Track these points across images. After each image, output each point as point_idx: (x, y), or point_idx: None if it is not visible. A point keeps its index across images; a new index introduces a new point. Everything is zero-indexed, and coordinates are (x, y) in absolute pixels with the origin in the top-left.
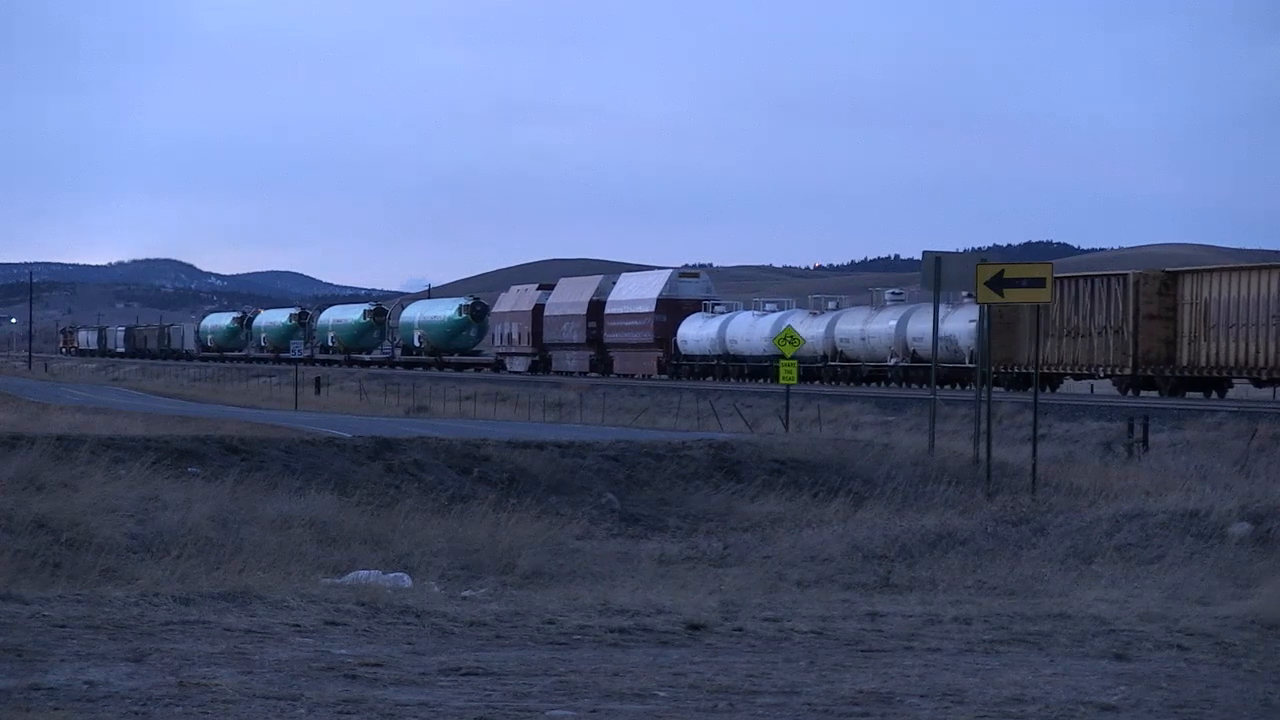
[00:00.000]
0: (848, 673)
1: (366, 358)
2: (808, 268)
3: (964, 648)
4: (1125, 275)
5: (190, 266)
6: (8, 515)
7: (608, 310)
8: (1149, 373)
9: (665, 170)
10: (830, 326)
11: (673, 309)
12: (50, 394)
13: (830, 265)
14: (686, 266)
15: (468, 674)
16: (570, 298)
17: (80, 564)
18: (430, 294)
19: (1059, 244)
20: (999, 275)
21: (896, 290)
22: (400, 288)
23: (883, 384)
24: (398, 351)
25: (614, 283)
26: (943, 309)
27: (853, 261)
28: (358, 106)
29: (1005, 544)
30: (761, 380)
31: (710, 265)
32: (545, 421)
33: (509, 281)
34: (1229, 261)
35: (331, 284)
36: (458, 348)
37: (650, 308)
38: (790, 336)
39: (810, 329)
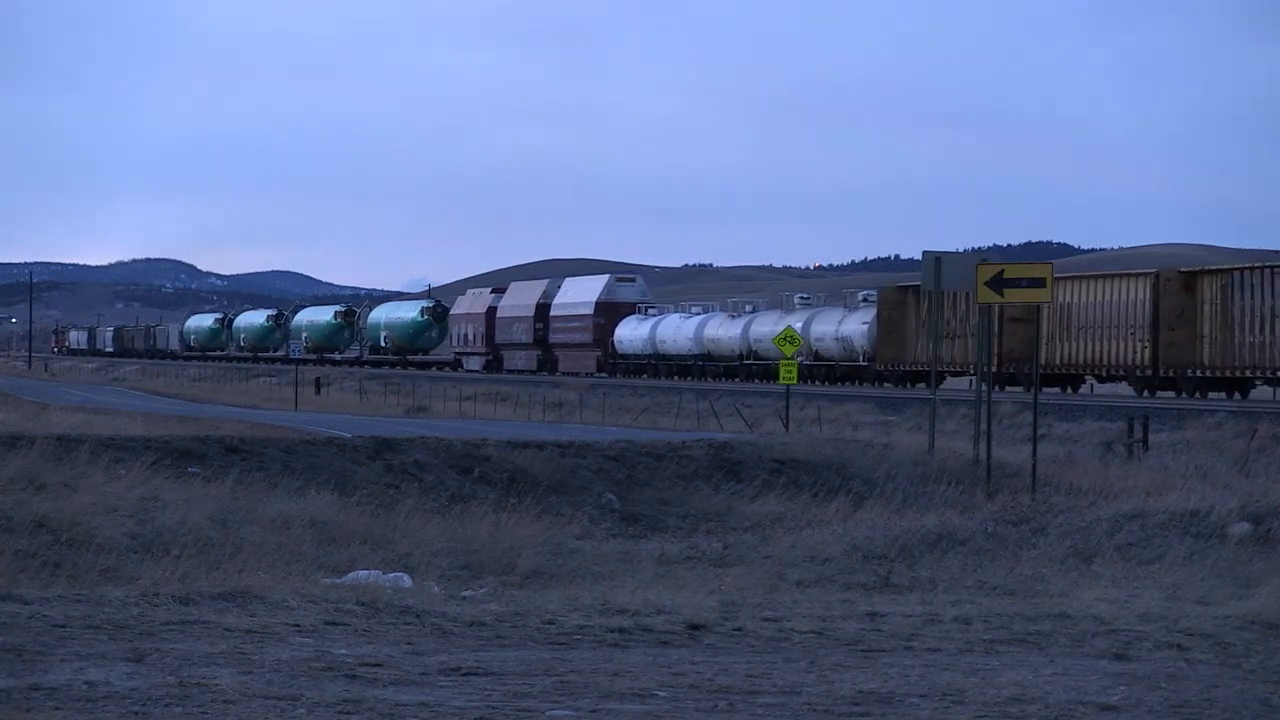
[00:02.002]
0: (848, 673)
1: (337, 357)
2: (808, 268)
3: (964, 648)
4: None
5: (190, 266)
6: (8, 515)
7: (552, 312)
8: (1012, 370)
9: (665, 170)
10: (746, 328)
11: (610, 311)
12: (50, 394)
13: (830, 265)
14: (622, 273)
15: (468, 674)
16: (519, 300)
17: (80, 564)
18: (430, 293)
19: (1059, 244)
20: (999, 275)
21: (805, 295)
22: (401, 288)
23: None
24: (365, 351)
25: (559, 286)
26: (840, 311)
27: (853, 261)
28: (358, 106)
29: (1005, 544)
30: (689, 378)
31: (710, 265)
32: (545, 421)
33: (509, 281)
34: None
35: (331, 284)
36: (421, 348)
37: (590, 310)
38: (790, 336)
39: (728, 330)
